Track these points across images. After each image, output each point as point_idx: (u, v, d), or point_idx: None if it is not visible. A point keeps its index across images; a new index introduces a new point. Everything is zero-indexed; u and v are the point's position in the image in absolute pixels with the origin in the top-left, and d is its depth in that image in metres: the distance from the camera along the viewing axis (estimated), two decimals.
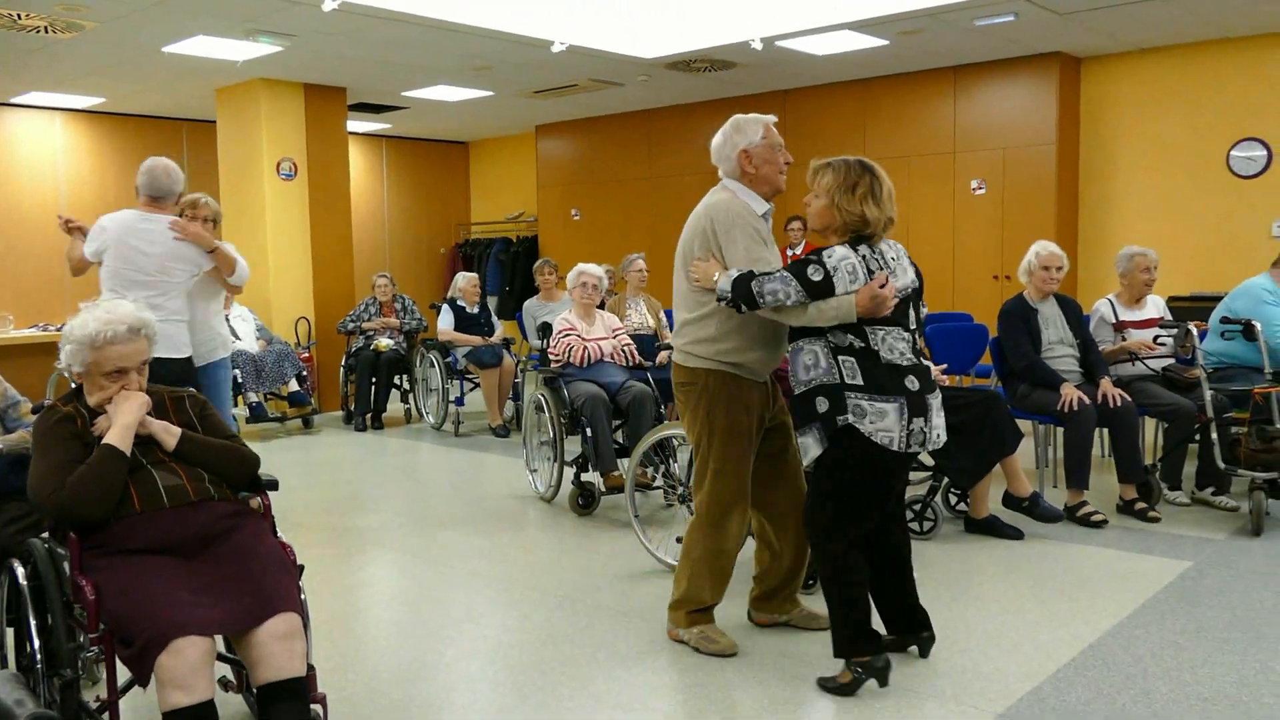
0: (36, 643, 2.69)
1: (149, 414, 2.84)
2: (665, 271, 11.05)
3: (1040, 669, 3.33)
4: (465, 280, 8.50)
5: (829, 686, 3.21)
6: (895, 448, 3.10)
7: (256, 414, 7.86)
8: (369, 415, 8.42)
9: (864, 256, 3.12)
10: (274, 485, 3.02)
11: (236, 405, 7.70)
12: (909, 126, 9.23)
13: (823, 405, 3.15)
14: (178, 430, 2.88)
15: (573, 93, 9.91)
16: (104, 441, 2.72)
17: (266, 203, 9.11)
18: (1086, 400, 5.11)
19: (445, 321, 8.28)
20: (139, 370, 2.88)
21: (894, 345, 3.14)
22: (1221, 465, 5.05)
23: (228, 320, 7.91)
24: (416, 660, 3.55)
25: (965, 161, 8.94)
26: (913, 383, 3.13)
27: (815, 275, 3.08)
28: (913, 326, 3.22)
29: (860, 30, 7.57)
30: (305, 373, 8.42)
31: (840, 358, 3.15)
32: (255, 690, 2.51)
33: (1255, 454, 4.89)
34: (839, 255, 3.11)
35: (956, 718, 3.01)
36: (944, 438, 3.24)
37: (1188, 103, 8.19)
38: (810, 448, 3.22)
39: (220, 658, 2.80)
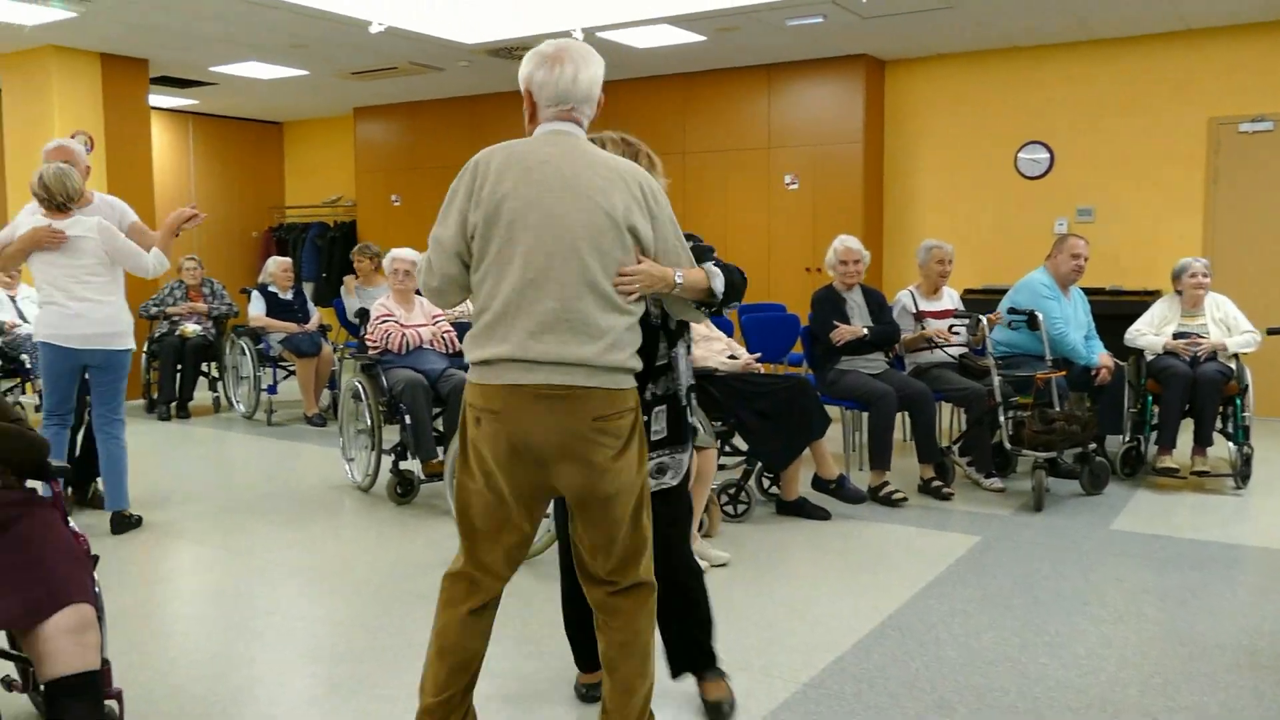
0: None
1: None
2: None
3: (843, 639, 3.50)
4: (277, 265, 8.23)
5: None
6: None
7: None
8: (174, 404, 8.05)
9: None
10: (64, 473, 2.85)
11: (25, 393, 7.20)
12: (726, 122, 9.47)
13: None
14: None
15: (392, 75, 9.69)
16: None
17: None
18: (864, 334, 5.42)
19: (257, 307, 8.03)
20: None
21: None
22: (1008, 446, 5.43)
23: (14, 302, 7.41)
24: (220, 654, 3.42)
25: (779, 157, 9.25)
26: None
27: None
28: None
29: (679, 25, 7.72)
30: None
31: None
32: (43, 687, 2.37)
33: (1037, 435, 5.26)
34: None
35: (764, 688, 3.13)
36: None
37: (980, 107, 8.72)
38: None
39: (2, 655, 2.63)
